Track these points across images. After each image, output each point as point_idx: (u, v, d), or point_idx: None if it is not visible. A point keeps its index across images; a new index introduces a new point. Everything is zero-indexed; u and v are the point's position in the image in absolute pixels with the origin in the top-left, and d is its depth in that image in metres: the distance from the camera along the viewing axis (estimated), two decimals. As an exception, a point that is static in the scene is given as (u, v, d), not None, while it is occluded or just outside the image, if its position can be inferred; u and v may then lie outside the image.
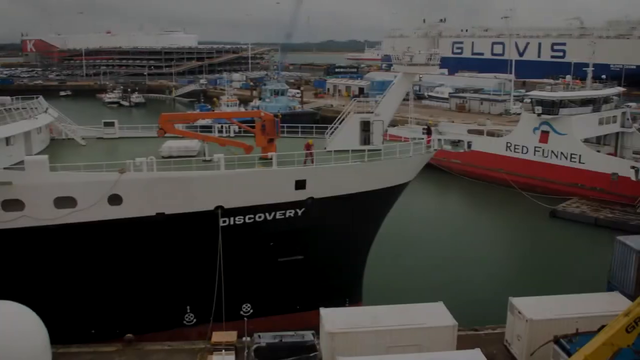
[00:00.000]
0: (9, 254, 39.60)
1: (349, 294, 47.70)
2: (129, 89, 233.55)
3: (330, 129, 46.92)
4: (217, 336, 37.58)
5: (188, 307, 44.05)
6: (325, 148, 45.03)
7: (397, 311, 36.55)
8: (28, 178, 38.55)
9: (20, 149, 44.43)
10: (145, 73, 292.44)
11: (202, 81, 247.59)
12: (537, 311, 36.53)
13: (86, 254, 40.36)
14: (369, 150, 43.85)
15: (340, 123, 46.21)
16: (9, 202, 38.69)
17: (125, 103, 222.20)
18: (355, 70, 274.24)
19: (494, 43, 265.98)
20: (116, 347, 38.63)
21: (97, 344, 39.23)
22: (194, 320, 44.30)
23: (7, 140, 42.94)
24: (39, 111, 48.48)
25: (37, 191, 38.55)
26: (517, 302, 37.86)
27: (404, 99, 50.55)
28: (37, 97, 51.41)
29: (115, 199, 39.20)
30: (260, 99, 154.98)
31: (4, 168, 39.92)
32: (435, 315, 36.02)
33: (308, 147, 42.85)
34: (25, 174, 38.75)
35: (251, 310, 45.12)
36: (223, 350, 35.76)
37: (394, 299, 46.76)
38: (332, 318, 35.16)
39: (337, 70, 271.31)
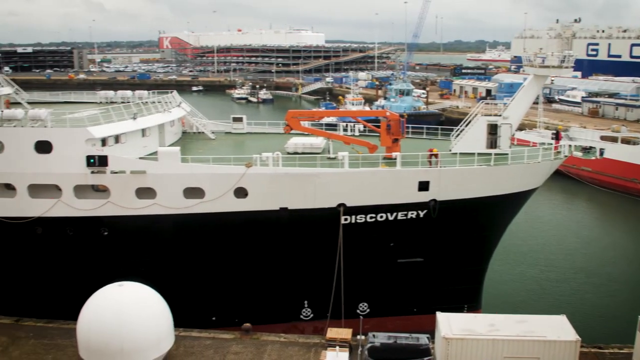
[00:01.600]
0: (140, 239, 41.79)
1: (467, 300, 46.71)
2: (257, 86, 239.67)
3: (456, 131, 46.11)
4: (332, 332, 37.82)
5: (306, 302, 44.67)
6: (450, 150, 44.33)
7: (516, 321, 35.34)
8: (161, 168, 40.49)
9: (155, 141, 46.72)
10: (273, 70, 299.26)
11: (328, 79, 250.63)
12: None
13: (211, 243, 41.86)
14: (495, 154, 42.73)
15: (466, 125, 45.31)
16: (142, 190, 40.81)
17: (253, 99, 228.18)
18: (482, 71, 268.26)
19: (633, 45, 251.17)
20: (234, 335, 39.66)
21: (216, 330, 40.47)
22: (311, 315, 44.87)
23: (143, 131, 45.32)
24: (172, 105, 50.72)
25: (169, 181, 40.42)
26: (649, 321, 35.68)
27: (534, 103, 48.84)
28: (171, 92, 53.75)
29: (241, 192, 40.37)
30: (385, 98, 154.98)
31: (139, 158, 42.10)
32: (557, 328, 34.53)
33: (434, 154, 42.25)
34: (158, 164, 40.73)
35: (367, 310, 45.16)
36: (337, 347, 35.92)
37: (513, 309, 45.54)
38: (448, 323, 34.51)
39: (463, 71, 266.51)
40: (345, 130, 52.21)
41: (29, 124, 42.32)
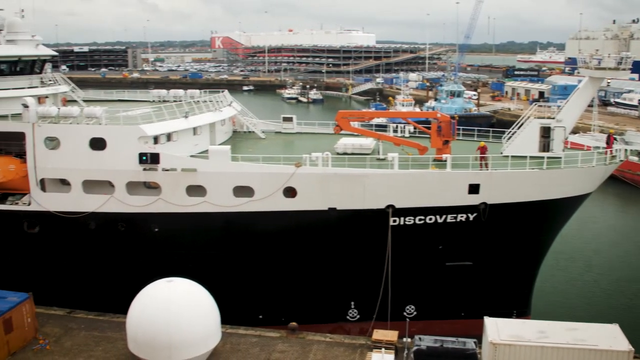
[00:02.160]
0: (189, 236, 42.35)
1: (516, 305, 45.96)
2: (307, 86, 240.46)
3: (508, 133, 45.46)
4: (379, 334, 37.67)
5: (352, 303, 44.61)
6: (501, 153, 43.73)
7: (567, 329, 34.57)
8: (211, 166, 40.95)
9: (205, 139, 47.23)
10: (323, 70, 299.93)
11: (378, 80, 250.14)
12: None
13: (259, 242, 42.13)
14: (548, 158, 41.97)
15: (518, 128, 44.63)
16: (192, 188, 41.35)
17: (304, 99, 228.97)
18: (535, 73, 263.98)
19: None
20: (280, 334, 39.81)
21: (263, 329, 40.70)
22: (357, 316, 44.79)
23: (194, 130, 45.88)
24: (223, 104, 51.22)
25: (219, 179, 40.85)
26: None
27: (588, 105, 47.82)
28: (222, 91, 54.23)
29: (290, 192, 40.53)
30: (435, 99, 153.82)
31: (190, 156, 42.65)
32: (609, 337, 33.60)
33: (482, 150, 41.82)
34: (208, 162, 41.22)
35: (415, 312, 44.88)
36: (383, 349, 35.80)
37: (564, 316, 44.64)
38: (496, 328, 33.97)
39: (516, 72, 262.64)
40: (395, 131, 51.96)
41: (84, 122, 43.26)
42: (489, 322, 34.68)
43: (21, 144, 44.17)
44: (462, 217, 41.63)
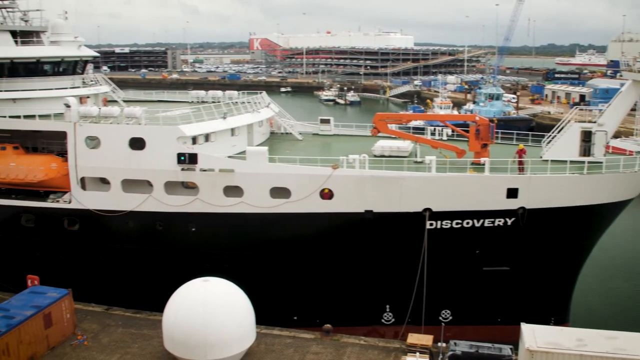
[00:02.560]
0: (226, 236, 42.67)
1: (554, 312, 45.24)
2: (345, 88, 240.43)
3: (548, 137, 44.81)
4: (413, 338, 37.34)
5: (387, 306, 44.43)
6: (541, 157, 43.14)
7: (606, 337, 33.81)
8: (248, 167, 41.17)
9: (243, 140, 47.53)
10: (361, 72, 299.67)
11: (416, 82, 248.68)
12: None
13: (295, 243, 42.21)
14: (589, 162, 41.25)
15: (558, 132, 43.97)
16: (230, 189, 41.63)
17: (341, 101, 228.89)
18: (576, 76, 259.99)
19: None
20: (314, 335, 39.69)
21: (297, 330, 40.67)
22: (392, 319, 44.59)
23: (232, 131, 46.20)
24: (261, 105, 51.46)
25: (256, 180, 41.04)
26: None
27: (631, 109, 46.92)
28: (260, 93, 54.50)
29: (327, 193, 40.51)
30: (474, 102, 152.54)
31: (228, 156, 42.92)
32: (651, 347, 32.92)
33: (520, 153, 41.33)
34: (246, 163, 41.44)
35: (450, 317, 44.50)
36: (417, 353, 35.52)
37: (603, 324, 43.76)
38: (533, 335, 33.41)
39: (557, 75, 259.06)
40: (432, 134, 51.61)
41: (124, 121, 43.88)
42: (526, 328, 34.14)
43: (63, 143, 45.00)
44: (500, 221, 41.15)
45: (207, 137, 43.88)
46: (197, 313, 32.84)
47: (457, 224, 41.17)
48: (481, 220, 41.09)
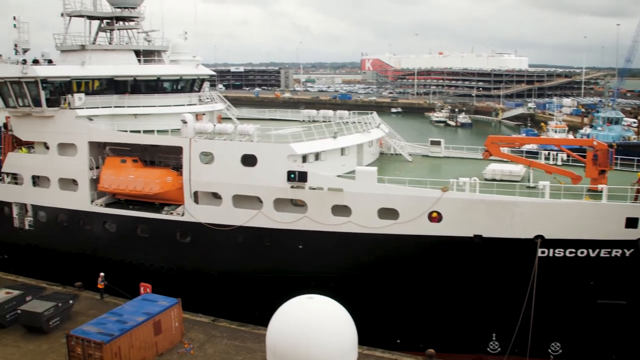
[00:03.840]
0: (332, 255, 42.76)
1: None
2: (456, 109, 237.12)
3: (673, 165, 42.41)
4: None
5: (494, 335, 43.10)
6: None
7: None
8: (357, 187, 41.23)
9: (353, 160, 47.72)
10: (473, 94, 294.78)
11: (530, 105, 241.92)
12: None
13: (401, 265, 41.76)
14: None
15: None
16: (338, 208, 41.78)
17: (452, 123, 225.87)
18: None
19: None
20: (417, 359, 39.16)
21: (399, 353, 40.13)
22: (498, 349, 43.16)
23: (342, 150, 46.49)
24: (371, 126, 51.54)
25: (364, 200, 41.00)
26: None
27: None
28: (371, 113, 54.61)
29: (435, 216, 39.92)
30: (591, 126, 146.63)
31: (337, 175, 43.16)
32: None
33: None
34: (355, 183, 41.53)
35: (560, 350, 42.57)
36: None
37: None
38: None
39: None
40: (547, 158, 49.98)
41: (237, 138, 45.04)
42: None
43: (178, 158, 46.75)
44: (617, 252, 39.14)
45: (317, 155, 44.36)
46: (301, 329, 32.90)
47: (570, 252, 39.49)
48: (597, 250, 39.24)
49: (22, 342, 40.74)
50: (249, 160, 43.54)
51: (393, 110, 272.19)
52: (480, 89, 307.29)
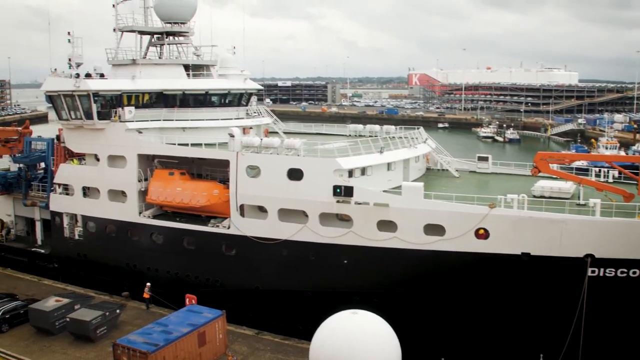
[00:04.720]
0: (377, 271, 42.48)
1: None
2: (504, 125, 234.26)
3: None
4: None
5: (541, 356, 42.14)
6: None
7: None
8: (403, 203, 40.98)
9: (399, 175, 47.51)
10: (521, 109, 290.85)
11: (580, 120, 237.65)
12: None
13: (447, 282, 41.27)
14: None
15: None
16: (383, 223, 41.56)
17: (500, 138, 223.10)
18: None
19: None
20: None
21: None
22: (546, 369, 42.25)
23: (388, 165, 46.33)
24: (418, 141, 51.34)
25: (410, 216, 40.69)
26: None
27: None
28: (417, 128, 54.39)
29: (482, 233, 39.39)
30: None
31: (383, 191, 42.97)
32: None
33: None
34: (401, 198, 41.30)
35: (610, 373, 41.47)
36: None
37: None
38: None
39: None
40: (597, 175, 48.96)
41: (283, 152, 45.27)
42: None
43: (225, 171, 47.18)
44: (671, 272, 38.05)
45: (363, 170, 44.29)
46: (344, 344, 32.73)
47: (622, 272, 38.47)
48: (650, 271, 38.20)
49: (70, 349, 41.58)
50: (295, 175, 43.68)
51: (440, 125, 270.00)
52: (529, 104, 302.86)
